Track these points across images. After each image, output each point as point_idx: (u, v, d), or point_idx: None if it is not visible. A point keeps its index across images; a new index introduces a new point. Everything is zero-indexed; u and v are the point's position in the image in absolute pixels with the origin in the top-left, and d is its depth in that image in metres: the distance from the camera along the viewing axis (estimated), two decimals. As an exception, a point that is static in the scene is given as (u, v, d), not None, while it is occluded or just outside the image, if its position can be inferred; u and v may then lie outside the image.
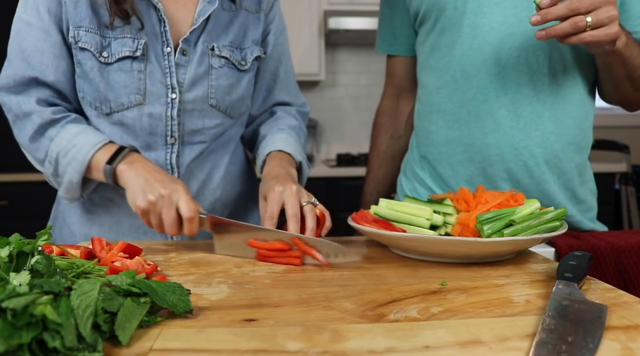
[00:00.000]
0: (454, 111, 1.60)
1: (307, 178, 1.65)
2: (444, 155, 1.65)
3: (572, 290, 0.88)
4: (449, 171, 1.64)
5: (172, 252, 1.29)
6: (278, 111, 1.74)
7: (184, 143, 1.51)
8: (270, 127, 1.68)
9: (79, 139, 1.36)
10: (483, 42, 1.53)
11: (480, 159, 1.58)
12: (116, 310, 0.72)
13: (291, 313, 0.84)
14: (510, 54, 1.51)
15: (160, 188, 1.25)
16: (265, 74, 1.70)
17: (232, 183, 1.63)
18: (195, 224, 1.24)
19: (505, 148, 1.54)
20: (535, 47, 1.49)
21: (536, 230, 1.14)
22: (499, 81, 1.52)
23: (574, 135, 1.56)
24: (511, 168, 1.55)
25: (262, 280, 1.04)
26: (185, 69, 1.47)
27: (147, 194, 1.25)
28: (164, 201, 1.24)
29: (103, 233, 1.52)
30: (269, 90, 1.72)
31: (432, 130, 1.67)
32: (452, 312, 0.84)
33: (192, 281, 1.03)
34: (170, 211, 1.24)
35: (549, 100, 1.52)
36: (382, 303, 0.89)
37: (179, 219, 1.25)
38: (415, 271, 1.09)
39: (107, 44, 1.40)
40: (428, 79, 1.69)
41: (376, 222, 1.24)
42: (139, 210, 1.26)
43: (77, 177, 1.36)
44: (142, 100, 1.43)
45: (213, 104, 1.52)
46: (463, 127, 1.59)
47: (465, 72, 1.57)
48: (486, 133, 1.55)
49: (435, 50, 1.64)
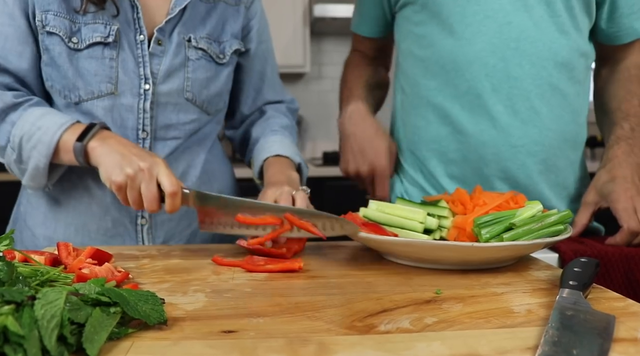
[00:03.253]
0: (445, 106, 1.60)
1: (306, 178, 1.67)
2: (435, 152, 1.64)
3: (577, 299, 0.88)
4: (440, 170, 1.64)
5: (145, 258, 1.29)
6: (268, 110, 1.76)
7: (157, 138, 1.51)
8: (262, 129, 1.70)
9: (44, 121, 1.35)
10: (477, 32, 1.53)
11: (475, 158, 1.58)
12: (84, 321, 0.72)
13: (273, 324, 0.83)
14: (507, 44, 1.51)
15: (138, 161, 1.25)
16: (253, 74, 1.72)
17: (209, 184, 1.63)
18: (178, 199, 1.25)
19: (502, 147, 1.54)
20: (534, 37, 1.50)
21: (538, 234, 1.14)
22: (495, 74, 1.52)
23: (569, 131, 1.57)
24: (508, 168, 1.55)
25: (242, 288, 1.04)
26: (160, 60, 1.47)
27: (124, 168, 1.25)
28: (143, 175, 1.25)
29: (68, 236, 1.51)
30: (258, 90, 1.74)
31: (421, 125, 1.66)
32: (448, 323, 0.84)
33: (166, 290, 1.02)
34: (151, 185, 1.25)
35: (547, 95, 1.52)
36: (371, 313, 0.89)
37: (159, 194, 1.26)
38: (408, 279, 1.10)
39: (76, 29, 1.40)
40: (412, 68, 1.68)
41: (366, 225, 1.24)
42: (115, 184, 1.26)
43: (44, 161, 1.35)
44: (114, 89, 1.43)
45: (189, 98, 1.52)
46: (456, 123, 1.58)
47: (456, 63, 1.56)
48: (482, 131, 1.55)
49: (421, 38, 1.63)
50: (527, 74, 1.52)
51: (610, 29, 1.62)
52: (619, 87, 1.64)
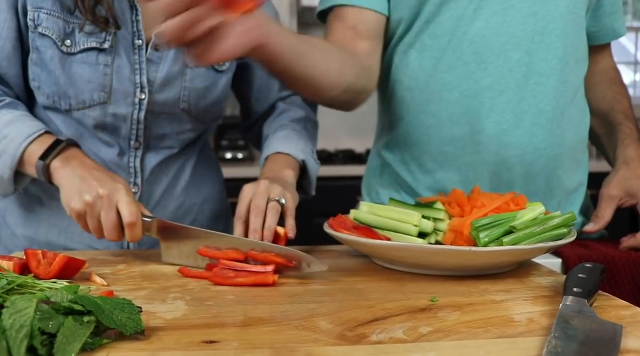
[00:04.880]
0: (461, 102, 1.52)
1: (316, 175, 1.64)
2: (448, 156, 1.57)
3: (581, 307, 0.88)
4: (454, 175, 1.58)
5: (121, 263, 1.29)
6: (280, 105, 1.75)
7: (149, 148, 1.52)
8: (272, 125, 1.69)
9: (11, 129, 1.34)
10: (502, 22, 1.48)
11: (496, 161, 1.53)
12: (55, 331, 0.72)
13: (258, 334, 0.83)
14: (532, 38, 1.48)
15: (98, 187, 1.24)
16: (260, 72, 1.70)
17: (198, 188, 1.64)
18: (138, 229, 1.24)
19: (526, 149, 1.51)
20: (560, 30, 1.49)
21: (540, 238, 1.14)
22: (520, 69, 1.49)
23: (581, 131, 1.58)
24: (530, 172, 1.53)
25: (225, 295, 1.04)
26: (157, 67, 1.46)
27: (83, 194, 1.24)
28: (102, 202, 1.24)
29: (50, 238, 1.51)
30: (269, 88, 1.73)
31: (431, 124, 1.57)
32: (444, 333, 0.84)
33: (143, 297, 1.02)
34: (110, 214, 1.23)
35: (570, 93, 1.52)
36: (363, 322, 0.88)
37: (120, 223, 1.25)
38: (401, 286, 1.10)
39: (70, 30, 1.39)
40: (418, 60, 1.58)
41: (356, 228, 1.24)
42: (74, 212, 1.25)
43: (8, 173, 1.34)
44: (107, 98, 1.43)
45: (185, 108, 1.52)
46: (474, 122, 1.52)
47: (479, 55, 1.50)
48: (504, 131, 1.50)
49: (434, 25, 1.54)
50: (553, 69, 1.49)
51: (591, 28, 1.64)
52: (605, 88, 1.69)
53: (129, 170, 1.50)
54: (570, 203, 1.64)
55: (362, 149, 4.70)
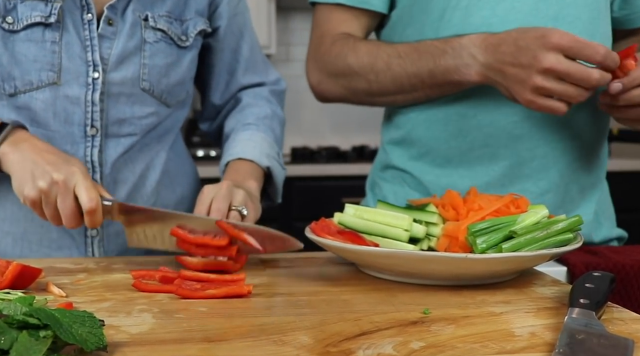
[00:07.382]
0: (467, 94, 1.54)
1: (282, 182, 1.68)
2: (454, 150, 1.59)
3: (589, 321, 0.88)
4: (463, 170, 1.59)
5: (81, 272, 1.28)
6: (244, 97, 1.74)
7: (108, 135, 1.50)
8: (235, 122, 1.69)
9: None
10: (511, 9, 1.49)
11: (507, 155, 1.55)
12: (8, 347, 0.71)
13: (233, 350, 0.83)
14: (544, 25, 1.45)
15: (52, 172, 1.24)
16: (225, 54, 1.70)
17: (171, 187, 1.63)
18: (98, 215, 1.25)
19: (538, 142, 1.52)
20: (573, 16, 1.49)
21: (543, 244, 1.15)
22: None
23: (599, 124, 1.59)
24: (544, 166, 1.54)
25: (196, 307, 1.03)
26: (111, 43, 1.46)
27: (36, 180, 1.24)
28: (58, 188, 1.24)
29: (4, 247, 1.50)
30: (232, 72, 1.73)
31: (438, 118, 1.60)
32: (437, 348, 0.84)
33: (106, 310, 1.01)
34: (67, 200, 1.24)
35: None
36: (348, 336, 0.89)
37: (78, 208, 1.25)
38: (391, 297, 1.10)
39: (11, 6, 1.38)
40: None
41: (341, 233, 1.24)
42: (28, 200, 1.26)
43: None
44: (56, 78, 1.42)
45: (145, 88, 1.51)
46: (482, 114, 1.53)
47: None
48: (515, 123, 1.51)
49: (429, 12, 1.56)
50: None
51: (622, 11, 1.64)
52: None
53: (85, 164, 1.47)
54: (587, 201, 1.64)
55: (347, 146, 4.69)
